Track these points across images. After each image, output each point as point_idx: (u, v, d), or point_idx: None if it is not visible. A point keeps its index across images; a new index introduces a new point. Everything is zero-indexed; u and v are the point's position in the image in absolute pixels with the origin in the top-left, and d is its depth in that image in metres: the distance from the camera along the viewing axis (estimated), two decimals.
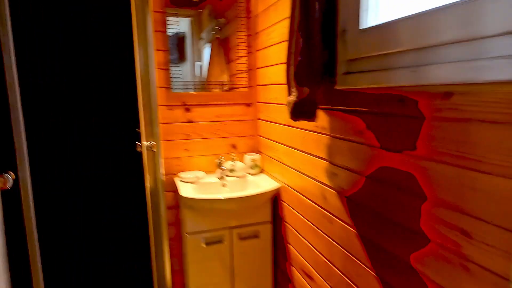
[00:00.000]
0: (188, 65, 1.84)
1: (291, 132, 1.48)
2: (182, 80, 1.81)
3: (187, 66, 1.84)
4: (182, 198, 1.57)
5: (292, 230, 1.55)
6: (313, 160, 1.30)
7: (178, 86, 1.80)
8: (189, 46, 1.85)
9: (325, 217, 1.24)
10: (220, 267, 1.70)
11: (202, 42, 1.87)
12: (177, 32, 1.80)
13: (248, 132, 1.94)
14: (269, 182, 1.73)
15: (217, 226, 1.67)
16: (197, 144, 1.86)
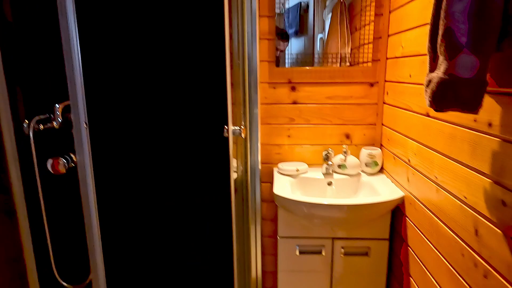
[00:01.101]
0: (306, 38, 1.52)
1: (430, 125, 1.03)
2: (291, 53, 1.51)
3: (304, 39, 1.52)
4: (275, 196, 1.31)
5: (417, 260, 1.12)
6: (464, 171, 0.84)
7: (285, 59, 1.51)
8: (311, 16, 1.52)
9: (475, 264, 0.79)
10: (316, 283, 1.39)
11: (327, 11, 1.51)
12: (300, 1, 1.49)
13: (368, 119, 1.52)
14: (390, 188, 1.30)
15: (316, 234, 1.36)
16: (301, 131, 1.55)
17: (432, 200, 1.01)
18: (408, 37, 1.20)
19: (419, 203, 1.10)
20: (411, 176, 1.18)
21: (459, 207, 0.86)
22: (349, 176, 1.47)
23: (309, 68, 1.50)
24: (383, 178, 1.43)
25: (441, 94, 0.67)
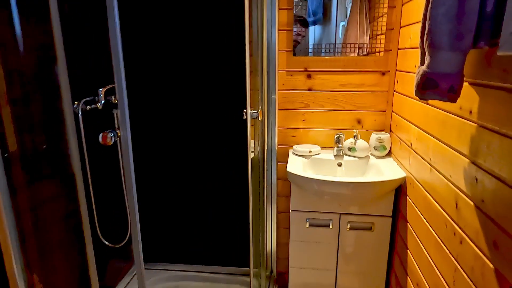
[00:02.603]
0: (327, 27, 1.62)
1: (428, 113, 1.13)
2: (310, 42, 1.62)
3: (325, 28, 1.63)
4: (289, 174, 1.46)
5: (414, 235, 1.24)
6: (450, 153, 0.95)
7: (302, 49, 1.63)
8: (334, 3, 1.61)
9: (454, 232, 0.91)
10: (324, 253, 1.55)
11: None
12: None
13: (379, 106, 1.62)
14: (394, 170, 1.42)
15: (325, 209, 1.50)
16: (316, 116, 1.68)
17: (427, 180, 1.12)
18: (415, 29, 1.28)
19: (417, 183, 1.22)
20: (412, 158, 1.29)
21: (446, 185, 0.97)
22: (358, 158, 1.59)
23: (324, 58, 1.61)
24: (390, 161, 1.54)
25: (423, 85, 0.79)
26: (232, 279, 1.92)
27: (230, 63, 1.68)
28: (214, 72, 1.70)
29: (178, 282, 1.93)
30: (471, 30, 0.73)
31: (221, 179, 1.85)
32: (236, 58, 1.67)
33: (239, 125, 1.73)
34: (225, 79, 1.70)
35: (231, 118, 1.73)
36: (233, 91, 1.70)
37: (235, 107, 1.72)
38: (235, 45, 1.65)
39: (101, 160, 1.59)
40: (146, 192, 1.93)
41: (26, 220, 1.18)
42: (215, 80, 1.71)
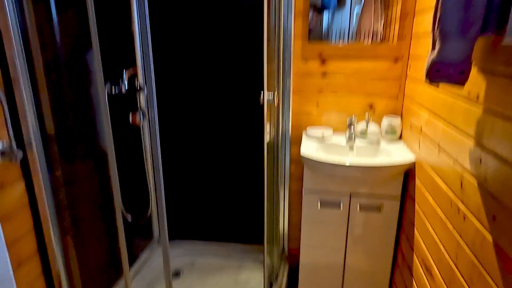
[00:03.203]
0: (343, 12, 1.66)
1: (437, 97, 1.18)
2: (325, 28, 1.66)
3: (341, 13, 1.66)
4: (302, 157, 1.53)
5: (421, 214, 1.31)
6: (457, 135, 1.00)
7: (317, 35, 1.67)
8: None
9: (458, 209, 0.97)
10: (334, 232, 1.63)
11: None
12: None
13: (391, 92, 1.67)
14: (404, 154, 1.47)
15: (336, 189, 1.57)
16: (329, 100, 1.73)
17: (434, 162, 1.18)
18: (429, 16, 1.32)
19: (426, 165, 1.28)
20: (421, 142, 1.34)
21: (452, 166, 1.03)
22: (369, 142, 1.65)
23: (338, 45, 1.65)
24: (400, 145, 1.60)
25: (432, 70, 0.84)
26: (245, 255, 2.03)
27: (249, 49, 1.74)
28: (233, 58, 1.77)
29: (194, 257, 2.04)
30: (479, 19, 0.78)
31: (238, 161, 1.93)
32: (255, 44, 1.72)
33: (256, 109, 1.80)
34: (243, 64, 1.77)
35: (249, 102, 1.80)
36: (251, 76, 1.77)
37: (253, 91, 1.78)
38: (254, 32, 1.70)
39: (124, 140, 1.69)
40: (165, 171, 2.03)
41: (62, 194, 1.28)
42: (234, 65, 1.78)
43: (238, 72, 1.79)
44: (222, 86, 1.82)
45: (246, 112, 1.84)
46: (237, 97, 1.83)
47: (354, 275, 1.67)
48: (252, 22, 1.72)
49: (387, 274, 1.64)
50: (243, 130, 1.87)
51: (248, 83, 1.80)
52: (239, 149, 1.91)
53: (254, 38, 1.73)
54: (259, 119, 1.79)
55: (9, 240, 1.06)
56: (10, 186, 1.07)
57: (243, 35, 1.74)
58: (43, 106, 1.19)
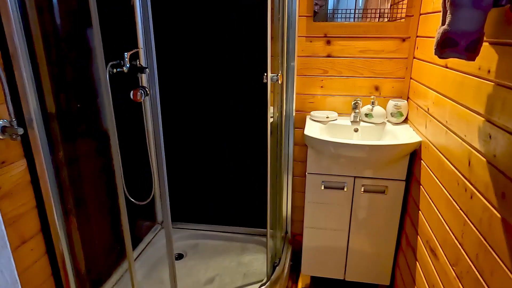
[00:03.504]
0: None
1: (447, 76, 1.15)
2: (330, 8, 1.62)
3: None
4: (306, 137, 1.51)
5: (426, 195, 1.29)
6: (466, 113, 0.98)
7: (322, 16, 1.63)
8: None
9: (465, 188, 0.95)
10: (338, 214, 1.62)
11: None
12: None
13: (398, 73, 1.63)
14: (410, 135, 1.45)
15: (340, 172, 1.55)
16: (334, 82, 1.70)
17: (442, 142, 1.16)
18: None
19: (432, 146, 1.26)
20: (428, 123, 1.32)
21: (460, 145, 1.01)
22: (374, 124, 1.62)
23: (344, 23, 1.61)
24: (406, 127, 1.57)
25: (443, 43, 0.81)
26: (249, 239, 2.03)
27: (252, 29, 1.70)
28: (236, 38, 1.73)
29: (198, 240, 2.05)
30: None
31: (241, 144, 1.92)
32: (258, 24, 1.69)
33: (260, 91, 1.77)
34: (247, 45, 1.73)
35: (252, 84, 1.78)
36: (255, 56, 1.74)
37: (256, 72, 1.75)
38: (257, 11, 1.66)
39: (126, 121, 1.67)
40: (168, 155, 2.02)
41: (64, 174, 1.28)
42: (237, 46, 1.75)
43: (241, 53, 1.76)
44: (225, 66, 1.80)
45: (250, 94, 1.82)
46: (240, 78, 1.80)
47: (357, 257, 1.67)
48: (255, 0, 1.67)
49: (391, 256, 1.63)
50: (247, 112, 1.85)
51: (251, 64, 1.77)
52: (242, 131, 1.89)
53: (258, 18, 1.69)
54: (263, 101, 1.77)
55: (11, 217, 1.06)
56: (12, 163, 1.06)
57: (246, 14, 1.70)
58: (43, 84, 1.17)
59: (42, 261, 1.21)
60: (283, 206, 1.91)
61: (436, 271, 1.14)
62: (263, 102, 1.77)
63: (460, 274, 0.95)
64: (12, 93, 1.06)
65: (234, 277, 1.73)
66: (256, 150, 1.91)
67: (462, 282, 0.94)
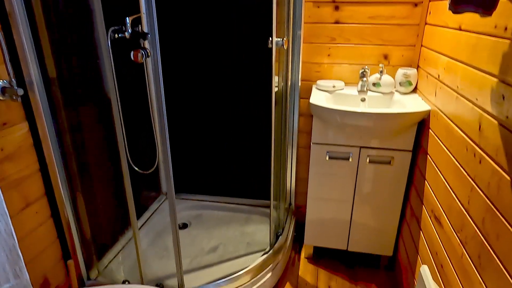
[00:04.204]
0: None
1: (460, 39, 1.10)
2: None
3: None
4: (311, 105, 1.47)
5: (433, 165, 1.27)
6: (478, 76, 0.94)
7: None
8: None
9: (474, 153, 0.93)
10: (342, 185, 1.61)
11: None
12: None
13: (408, 40, 1.57)
14: (419, 104, 1.41)
15: (345, 142, 1.53)
16: (341, 50, 1.65)
17: (451, 109, 1.12)
18: None
19: (441, 114, 1.22)
20: (438, 90, 1.27)
21: (470, 108, 0.97)
22: (382, 94, 1.58)
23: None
24: (415, 97, 1.52)
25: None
26: (252, 210, 2.04)
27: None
28: (241, 3, 1.68)
29: (202, 210, 2.07)
30: None
31: (246, 113, 1.89)
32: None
33: (265, 59, 1.73)
34: (251, 10, 1.67)
35: (257, 52, 1.73)
36: (260, 22, 1.68)
37: (261, 38, 1.70)
38: None
39: (129, 88, 1.65)
40: (173, 127, 2.01)
41: (67, 139, 1.27)
42: (242, 10, 1.69)
43: (246, 18, 1.70)
44: (229, 32, 1.75)
45: (254, 63, 1.77)
46: (244, 45, 1.75)
47: (360, 228, 1.67)
48: None
49: (394, 227, 1.63)
50: (251, 82, 1.82)
51: (256, 31, 1.71)
52: (247, 101, 1.87)
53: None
54: (267, 69, 1.72)
55: (15, 179, 1.07)
56: (14, 125, 1.06)
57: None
58: (43, 47, 1.14)
59: (48, 224, 1.23)
60: (287, 178, 1.91)
61: (440, 239, 1.13)
62: (268, 71, 1.73)
63: (465, 240, 0.94)
64: (11, 54, 1.04)
65: (238, 246, 1.75)
66: (261, 120, 1.89)
67: (466, 248, 0.93)
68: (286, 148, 1.82)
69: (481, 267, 0.84)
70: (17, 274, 0.32)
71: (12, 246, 0.32)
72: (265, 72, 1.77)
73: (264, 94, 1.82)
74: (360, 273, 1.74)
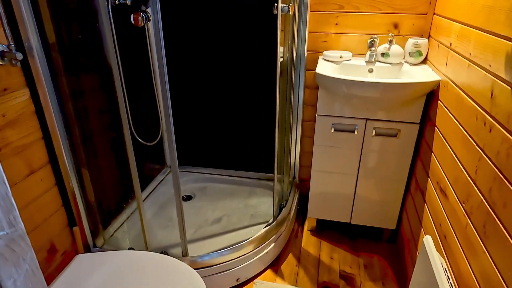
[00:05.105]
0: None
1: (473, 2, 1.04)
2: None
3: None
4: (317, 75, 1.44)
5: (440, 137, 1.24)
6: (493, 41, 0.89)
7: None
8: None
9: (484, 122, 0.90)
10: (346, 157, 1.59)
11: None
12: None
13: (420, 8, 1.50)
14: (429, 74, 1.36)
15: (351, 114, 1.50)
16: (349, 19, 1.59)
17: (462, 77, 1.08)
18: None
19: (452, 84, 1.18)
20: (449, 59, 1.23)
21: (483, 76, 0.93)
22: (391, 64, 1.53)
23: None
24: (425, 67, 1.48)
25: None
26: (256, 183, 2.05)
27: None
28: None
29: (206, 183, 2.08)
30: None
31: (250, 84, 1.86)
32: None
33: (269, 29, 1.68)
34: None
35: (262, 16, 1.67)
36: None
37: (266, 3, 1.65)
38: None
39: (132, 58, 1.62)
40: (176, 99, 1.99)
41: (69, 106, 1.26)
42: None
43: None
44: (232, 2, 1.69)
45: (259, 30, 1.72)
46: (249, 12, 1.70)
47: (364, 202, 1.67)
48: None
49: (399, 201, 1.62)
50: (256, 50, 1.77)
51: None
52: (250, 72, 1.83)
53: None
54: (273, 38, 1.68)
55: (18, 145, 1.07)
56: (14, 91, 1.04)
57: None
58: (41, 11, 1.11)
59: (52, 192, 1.24)
60: (291, 151, 1.89)
61: (445, 210, 1.12)
62: (273, 39, 1.68)
63: (470, 210, 0.93)
64: (9, 18, 1.02)
65: (241, 218, 1.76)
66: (265, 92, 1.86)
67: (471, 218, 0.92)
68: (291, 121, 1.80)
69: (486, 235, 0.83)
70: (11, 223, 0.32)
71: (5, 194, 0.31)
72: (270, 41, 1.72)
73: (269, 65, 1.78)
74: (362, 245, 1.75)
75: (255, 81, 1.84)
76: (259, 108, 1.91)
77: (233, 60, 1.82)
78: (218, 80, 1.89)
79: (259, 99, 1.88)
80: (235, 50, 1.79)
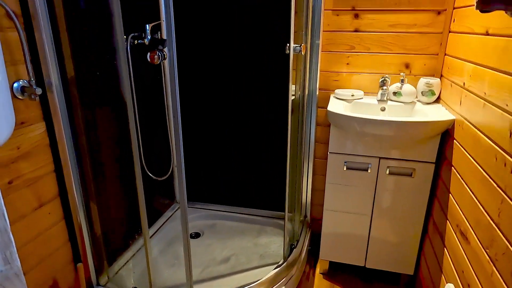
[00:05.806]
0: None
1: (487, 43, 1.05)
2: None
3: None
4: (329, 113, 1.44)
5: (458, 177, 1.20)
6: (509, 80, 0.88)
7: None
8: None
9: (505, 162, 0.86)
10: (360, 196, 1.54)
11: None
12: None
13: (431, 49, 1.52)
14: (443, 113, 1.35)
15: (364, 152, 1.48)
16: (361, 59, 1.61)
17: (478, 117, 1.06)
18: None
19: (467, 123, 1.16)
20: (464, 98, 1.22)
21: (500, 116, 0.91)
22: (403, 103, 1.53)
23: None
24: (438, 107, 1.46)
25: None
26: (267, 221, 1.99)
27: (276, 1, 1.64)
28: (258, 9, 1.68)
29: (216, 220, 2.03)
30: None
31: (262, 122, 1.87)
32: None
33: (282, 68, 1.71)
34: (269, 15, 1.67)
35: (275, 60, 1.72)
36: (278, 28, 1.67)
37: (279, 44, 1.69)
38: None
39: (147, 96, 1.66)
40: (189, 136, 2.01)
41: (82, 139, 1.28)
42: (260, 16, 1.69)
43: (263, 24, 1.70)
44: (246, 39, 1.74)
45: (271, 71, 1.76)
46: (262, 52, 1.75)
47: (379, 244, 1.59)
48: None
49: (416, 244, 1.54)
50: (268, 90, 1.80)
51: (274, 37, 1.71)
52: (263, 110, 1.84)
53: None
54: (284, 76, 1.71)
55: (30, 178, 1.07)
56: (31, 125, 1.07)
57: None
58: (63, 49, 1.16)
59: (60, 226, 1.22)
60: (302, 189, 1.86)
61: (467, 256, 1.05)
62: (285, 78, 1.71)
63: (495, 257, 0.87)
64: (32, 55, 1.06)
65: (250, 258, 1.69)
66: (277, 129, 1.86)
67: (496, 265, 0.86)
68: (302, 158, 1.78)
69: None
70: (7, 260, 0.30)
71: (3, 229, 0.30)
72: (282, 80, 1.75)
73: (281, 103, 1.80)
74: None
75: (267, 119, 1.85)
76: (270, 146, 1.90)
77: (246, 99, 1.85)
78: (231, 118, 1.91)
79: (271, 137, 1.88)
80: (248, 87, 1.82)
